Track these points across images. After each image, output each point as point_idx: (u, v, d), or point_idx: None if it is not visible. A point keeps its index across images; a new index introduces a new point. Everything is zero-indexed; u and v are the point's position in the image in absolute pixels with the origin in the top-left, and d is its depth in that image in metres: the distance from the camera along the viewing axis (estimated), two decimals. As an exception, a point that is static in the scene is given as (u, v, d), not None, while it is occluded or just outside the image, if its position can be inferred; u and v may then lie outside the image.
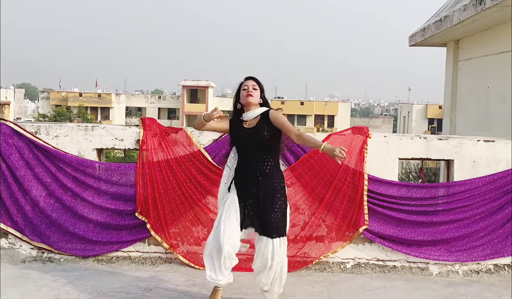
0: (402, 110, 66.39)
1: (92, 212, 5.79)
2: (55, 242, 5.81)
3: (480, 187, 5.74)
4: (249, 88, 4.57)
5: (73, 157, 5.80)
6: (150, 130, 5.75)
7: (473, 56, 9.56)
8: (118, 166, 5.83)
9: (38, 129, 5.86)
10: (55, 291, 4.97)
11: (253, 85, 4.59)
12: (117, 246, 5.83)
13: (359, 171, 5.69)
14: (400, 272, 5.78)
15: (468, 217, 5.75)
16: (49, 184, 5.80)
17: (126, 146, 5.86)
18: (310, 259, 5.74)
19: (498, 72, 8.36)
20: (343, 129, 6.04)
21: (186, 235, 5.76)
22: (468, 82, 9.80)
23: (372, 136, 5.77)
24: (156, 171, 5.70)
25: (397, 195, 5.75)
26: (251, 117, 4.52)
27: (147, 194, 5.69)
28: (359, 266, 5.80)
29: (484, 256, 5.76)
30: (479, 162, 5.81)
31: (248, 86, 4.58)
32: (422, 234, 5.74)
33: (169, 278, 5.39)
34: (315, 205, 5.74)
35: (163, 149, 5.73)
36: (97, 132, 5.88)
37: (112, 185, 5.80)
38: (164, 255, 5.83)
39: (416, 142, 5.86)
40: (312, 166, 5.71)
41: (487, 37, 8.88)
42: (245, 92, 4.57)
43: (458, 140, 5.85)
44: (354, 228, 5.72)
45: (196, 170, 5.70)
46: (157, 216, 5.71)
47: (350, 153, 5.71)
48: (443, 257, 5.75)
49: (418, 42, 10.82)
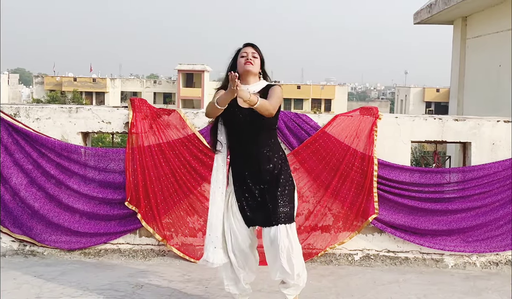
0: (399, 94, 66.04)
1: (78, 201, 5.37)
2: (38, 234, 5.39)
3: (500, 172, 5.30)
4: (248, 55, 3.97)
5: (56, 142, 5.34)
6: (140, 112, 5.29)
7: (482, 33, 9.09)
8: (106, 151, 5.39)
9: (18, 111, 5.39)
10: (36, 288, 4.56)
11: (253, 53, 3.98)
12: (106, 238, 5.42)
13: (368, 155, 5.25)
14: (413, 264, 5.35)
15: (486, 204, 5.31)
16: (31, 171, 5.35)
17: (114, 129, 5.40)
18: (315, 250, 5.32)
19: (510, 49, 7.89)
20: (349, 110, 5.57)
21: (181, 225, 5.34)
22: (477, 60, 9.34)
23: (382, 117, 5.32)
24: (147, 156, 5.25)
25: (409, 181, 5.31)
26: (251, 91, 3.84)
27: (138, 181, 5.25)
28: (368, 258, 5.37)
29: (503, 247, 5.33)
30: (498, 144, 5.36)
31: (247, 53, 3.97)
32: (437, 223, 5.31)
33: (162, 273, 5.00)
34: (321, 192, 5.30)
35: (154, 132, 5.27)
36: (82, 114, 5.41)
37: (99, 172, 5.37)
38: (157, 248, 5.42)
39: (430, 123, 5.40)
40: (317, 150, 5.26)
41: (498, 13, 8.42)
42: (244, 59, 3.95)
43: (476, 121, 5.40)
44: (362, 217, 5.29)
45: (190, 155, 5.25)
46: (149, 205, 5.28)
47: (358, 136, 5.27)
48: (459, 248, 5.33)
49: (424, 19, 10.34)
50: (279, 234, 3.80)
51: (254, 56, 3.97)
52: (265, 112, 3.73)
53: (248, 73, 3.95)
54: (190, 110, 5.41)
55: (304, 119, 5.32)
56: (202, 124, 5.33)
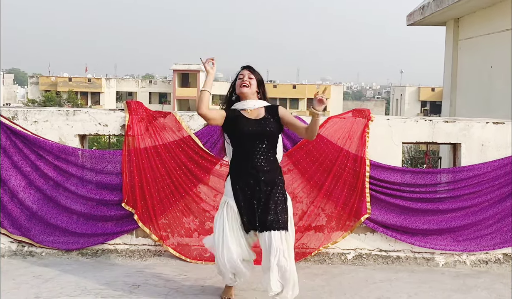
0: (394, 93, 66.13)
1: (76, 203, 5.44)
2: (36, 235, 5.46)
3: (489, 172, 5.41)
4: (244, 77, 4.21)
5: (54, 144, 5.41)
6: (137, 114, 5.37)
7: (474, 35, 9.20)
8: (103, 153, 5.46)
9: (16, 114, 5.46)
10: (35, 288, 4.62)
11: (249, 74, 4.22)
12: (103, 239, 5.48)
13: (360, 157, 5.35)
14: (405, 263, 5.46)
15: (476, 204, 5.42)
16: (29, 173, 5.42)
17: (110, 131, 5.48)
18: (309, 250, 5.41)
19: (502, 50, 8.00)
20: (342, 112, 5.67)
21: (177, 226, 5.42)
22: (470, 62, 9.45)
23: (374, 119, 5.42)
24: (143, 158, 5.33)
25: (400, 182, 5.41)
26: (252, 106, 4.17)
27: (134, 183, 5.33)
28: (361, 257, 5.47)
29: (493, 245, 5.44)
30: (487, 145, 5.47)
31: (244, 75, 4.22)
32: (428, 223, 5.42)
33: (159, 273, 5.07)
34: (314, 193, 5.40)
35: (150, 134, 5.35)
36: (79, 117, 5.48)
37: (96, 174, 5.44)
38: (153, 248, 5.49)
39: (421, 125, 5.50)
40: (310, 152, 5.36)
41: (489, 15, 8.53)
42: (240, 81, 4.21)
43: (466, 123, 5.51)
44: (355, 217, 5.39)
45: (186, 157, 5.33)
46: (145, 206, 5.36)
47: (351, 138, 5.37)
48: (449, 247, 5.43)
49: (417, 21, 10.45)
50: (275, 239, 4.00)
51: (250, 78, 4.19)
52: (313, 135, 4.12)
53: (244, 95, 4.19)
54: (186, 113, 5.50)
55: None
56: (197, 126, 5.41)
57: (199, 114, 4.05)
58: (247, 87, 4.18)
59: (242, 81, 4.19)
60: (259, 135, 4.11)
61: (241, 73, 4.26)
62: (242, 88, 4.18)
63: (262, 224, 4.05)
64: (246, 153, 4.14)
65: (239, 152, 4.21)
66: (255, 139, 4.11)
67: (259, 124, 4.13)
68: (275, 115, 4.19)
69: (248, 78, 4.20)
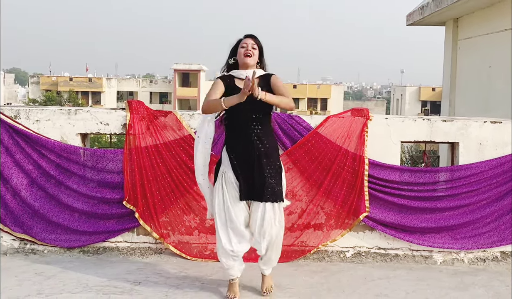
0: (395, 93, 66.18)
1: (77, 201, 5.48)
2: (38, 232, 5.50)
3: (487, 171, 5.45)
4: (248, 46, 4.22)
5: (56, 143, 5.46)
6: (138, 114, 5.42)
7: (473, 35, 9.24)
8: (104, 152, 5.50)
9: (18, 113, 5.52)
10: (37, 285, 4.68)
11: (252, 44, 4.23)
12: (104, 236, 5.52)
13: (359, 155, 5.39)
14: (403, 260, 5.50)
15: (473, 202, 5.47)
16: (31, 171, 5.47)
17: (111, 130, 5.53)
18: (308, 248, 5.46)
19: (501, 50, 8.05)
20: (341, 111, 5.72)
21: (177, 224, 5.46)
22: (469, 62, 9.49)
23: (372, 118, 5.47)
24: (144, 157, 5.38)
25: (399, 180, 5.46)
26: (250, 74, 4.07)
27: (135, 181, 5.38)
28: (359, 255, 5.52)
29: (490, 244, 5.48)
30: (485, 144, 5.51)
31: (247, 44, 4.23)
32: (426, 221, 5.46)
33: (160, 270, 5.11)
34: (313, 191, 5.44)
35: (151, 133, 5.40)
36: (81, 116, 5.54)
37: (98, 172, 5.48)
38: (154, 246, 5.54)
39: (419, 124, 5.55)
40: (310, 151, 5.41)
41: (488, 15, 8.56)
42: (243, 50, 4.21)
43: (464, 122, 5.55)
44: (354, 215, 5.43)
45: (186, 155, 5.37)
46: (146, 205, 5.41)
47: (350, 137, 5.42)
48: (447, 245, 5.48)
49: (416, 21, 10.48)
50: (268, 209, 4.17)
51: (253, 47, 4.21)
52: (287, 106, 4.08)
53: (246, 65, 4.20)
54: (186, 112, 5.55)
55: (297, 120, 5.46)
56: (198, 125, 5.45)
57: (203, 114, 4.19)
58: (249, 57, 4.20)
59: (246, 49, 4.20)
60: (252, 105, 4.06)
61: (244, 41, 4.25)
62: (245, 58, 4.19)
63: (258, 195, 4.16)
64: (241, 123, 4.19)
65: (234, 122, 4.24)
66: (249, 109, 4.11)
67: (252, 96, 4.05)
68: (267, 84, 4.21)
69: (252, 48, 4.22)
